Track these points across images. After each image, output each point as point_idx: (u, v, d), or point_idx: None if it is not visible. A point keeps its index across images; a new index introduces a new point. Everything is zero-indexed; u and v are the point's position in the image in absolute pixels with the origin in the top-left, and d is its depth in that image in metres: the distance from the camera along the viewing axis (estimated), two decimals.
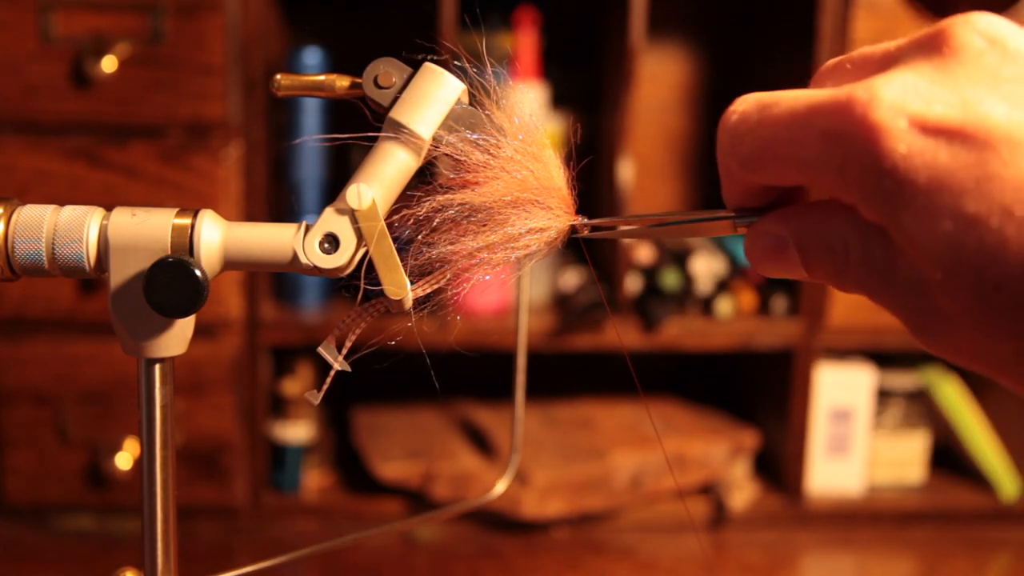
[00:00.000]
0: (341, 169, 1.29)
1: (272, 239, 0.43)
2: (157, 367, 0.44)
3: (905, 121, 0.29)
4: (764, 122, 0.33)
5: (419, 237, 0.42)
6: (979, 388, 1.41)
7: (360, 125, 0.44)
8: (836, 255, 0.33)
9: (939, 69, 0.30)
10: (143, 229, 0.42)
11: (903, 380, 1.38)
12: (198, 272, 0.41)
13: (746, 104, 0.34)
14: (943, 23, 0.31)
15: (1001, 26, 0.30)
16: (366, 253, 0.42)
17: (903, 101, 0.29)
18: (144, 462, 0.45)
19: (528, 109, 0.42)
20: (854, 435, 1.36)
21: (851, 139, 0.30)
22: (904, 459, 1.40)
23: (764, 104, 0.33)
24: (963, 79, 0.30)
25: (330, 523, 1.29)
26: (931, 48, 0.31)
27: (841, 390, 1.35)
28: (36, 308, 1.18)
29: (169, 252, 0.42)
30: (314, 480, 1.33)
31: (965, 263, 0.28)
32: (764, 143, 0.33)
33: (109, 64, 1.13)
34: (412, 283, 0.42)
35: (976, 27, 0.30)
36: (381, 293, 0.42)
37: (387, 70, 0.43)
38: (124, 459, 1.20)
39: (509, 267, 0.42)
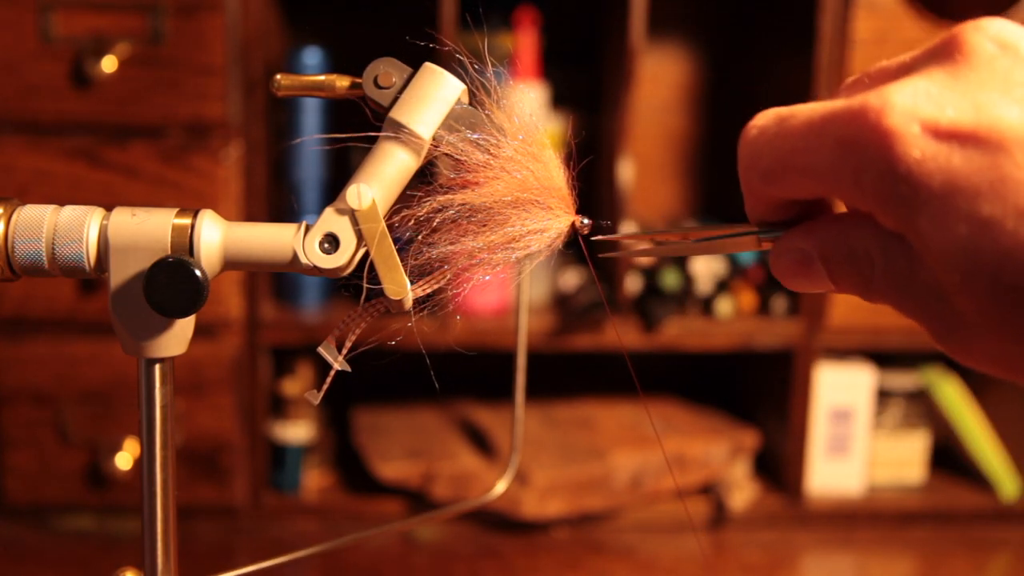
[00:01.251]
0: (341, 169, 1.29)
1: (272, 239, 0.43)
2: (157, 367, 0.44)
3: (918, 126, 0.29)
4: (781, 134, 0.33)
5: (419, 237, 0.42)
6: (979, 388, 1.41)
7: (360, 125, 0.44)
8: (861, 266, 0.33)
9: (951, 75, 0.30)
10: (143, 229, 0.42)
11: (903, 380, 1.38)
12: (198, 272, 0.41)
13: (765, 118, 0.34)
14: (955, 29, 0.31)
15: (1013, 31, 0.31)
16: (366, 253, 0.42)
17: (915, 106, 0.29)
18: (144, 462, 0.45)
19: (528, 109, 0.42)
20: (854, 435, 1.36)
21: (865, 145, 0.30)
22: (904, 459, 1.40)
23: (782, 117, 0.33)
24: (975, 84, 0.30)
25: (330, 523, 1.29)
26: (943, 55, 0.31)
27: (841, 390, 1.35)
28: (36, 308, 1.18)
29: (169, 252, 0.42)
30: (314, 480, 1.33)
31: (981, 265, 0.28)
32: (782, 155, 0.33)
33: (109, 64, 1.13)
34: (412, 283, 0.42)
35: (988, 33, 0.30)
36: (381, 293, 0.42)
37: (387, 70, 0.43)
38: (124, 459, 1.20)
39: (509, 267, 0.42)
